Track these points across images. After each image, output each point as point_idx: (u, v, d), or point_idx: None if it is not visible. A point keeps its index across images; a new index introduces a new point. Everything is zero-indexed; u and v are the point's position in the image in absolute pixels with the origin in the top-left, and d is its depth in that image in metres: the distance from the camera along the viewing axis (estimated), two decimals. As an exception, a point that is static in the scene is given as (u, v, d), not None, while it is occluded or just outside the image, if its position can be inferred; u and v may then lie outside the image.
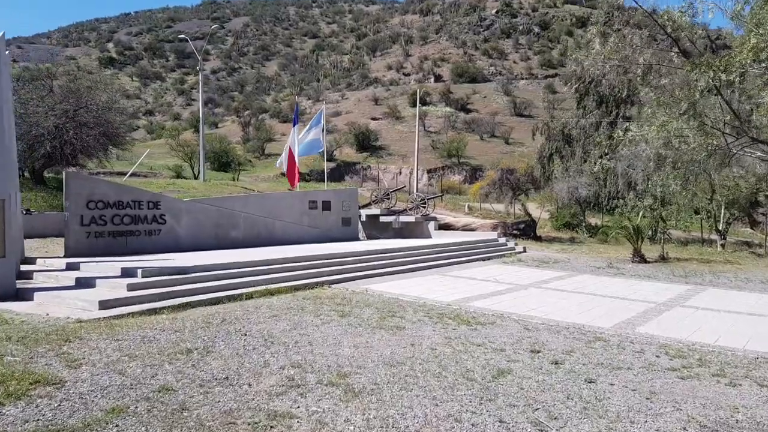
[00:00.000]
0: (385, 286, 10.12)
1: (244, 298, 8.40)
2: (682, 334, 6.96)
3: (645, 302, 9.30)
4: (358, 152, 51.75)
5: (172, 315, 7.10)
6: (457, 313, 7.86)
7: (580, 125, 26.51)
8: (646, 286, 11.16)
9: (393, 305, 8.24)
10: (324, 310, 7.66)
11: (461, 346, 6.03)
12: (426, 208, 19.62)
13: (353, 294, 9.17)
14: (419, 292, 9.55)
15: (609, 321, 7.66)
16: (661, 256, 15.96)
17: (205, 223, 13.98)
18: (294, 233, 15.99)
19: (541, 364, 5.44)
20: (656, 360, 5.75)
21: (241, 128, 60.42)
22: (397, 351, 5.72)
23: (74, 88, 17.78)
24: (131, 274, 8.69)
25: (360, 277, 10.98)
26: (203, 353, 5.31)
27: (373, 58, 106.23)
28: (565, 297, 9.62)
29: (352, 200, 18.36)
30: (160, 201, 13.19)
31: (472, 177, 43.20)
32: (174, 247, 12.89)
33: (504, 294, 9.76)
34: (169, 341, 5.70)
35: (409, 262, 13.01)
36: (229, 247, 13.86)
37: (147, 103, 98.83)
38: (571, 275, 12.60)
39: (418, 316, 7.50)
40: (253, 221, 15.14)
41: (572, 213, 23.82)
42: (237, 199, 15.77)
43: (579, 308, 8.57)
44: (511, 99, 68.50)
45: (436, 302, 8.67)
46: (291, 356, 5.35)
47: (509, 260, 15.24)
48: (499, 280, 11.48)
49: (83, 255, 10.91)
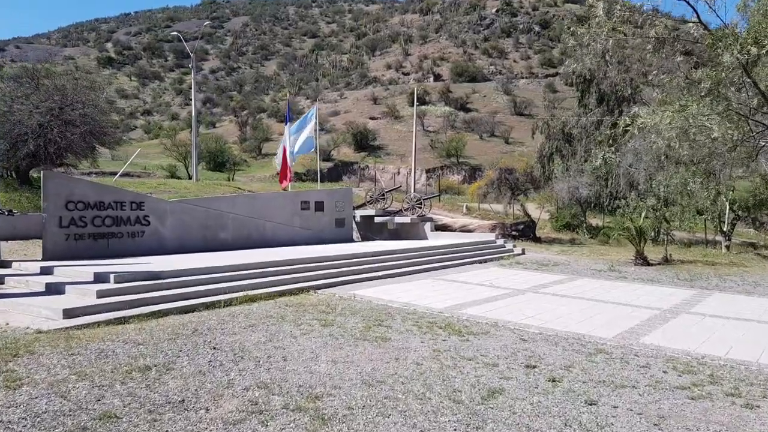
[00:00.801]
0: (374, 292, 9.61)
1: (222, 305, 7.89)
2: (690, 345, 6.45)
3: (649, 309, 8.78)
4: (356, 152, 51.25)
5: (141, 325, 6.59)
6: (449, 321, 7.35)
7: (581, 124, 25.97)
8: (650, 291, 10.63)
9: (381, 313, 7.73)
10: (306, 318, 7.15)
11: (450, 360, 5.52)
12: (422, 208, 19.08)
13: (340, 300, 8.65)
14: (410, 298, 9.04)
15: (611, 330, 7.14)
16: (665, 258, 15.43)
17: (191, 224, 13.50)
18: (285, 235, 15.49)
19: (536, 382, 4.93)
20: (663, 377, 5.24)
21: (238, 128, 59.88)
22: (379, 367, 5.20)
23: (60, 86, 17.25)
24: (104, 279, 8.19)
25: (349, 282, 10.46)
26: (162, 371, 4.80)
27: (372, 57, 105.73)
28: (565, 303, 9.10)
29: (346, 201, 17.84)
30: (143, 201, 12.71)
31: (471, 177, 42.68)
32: (159, 249, 12.43)
33: (500, 300, 9.24)
34: (128, 356, 5.19)
35: (401, 266, 12.49)
36: (217, 249, 13.39)
37: (145, 102, 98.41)
38: (571, 279, 12.07)
39: (406, 326, 6.99)
40: (243, 222, 14.65)
41: (573, 213, 23.28)
42: (225, 200, 15.26)
43: (579, 315, 8.05)
44: (511, 98, 67.98)
45: (427, 309, 8.16)
46: (260, 374, 4.83)
47: (507, 263, 14.71)
48: (495, 284, 10.96)
49: (62, 258, 10.44)
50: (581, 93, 28.04)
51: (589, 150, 24.53)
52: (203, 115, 78.32)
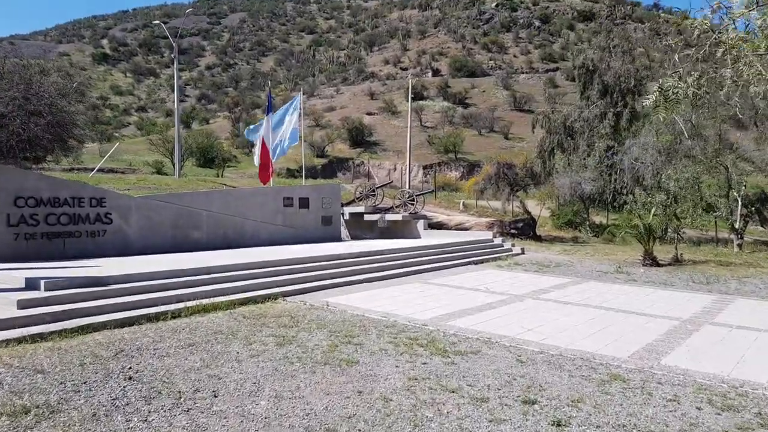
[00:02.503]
0: (352, 299, 8.46)
1: (169, 317, 6.75)
2: (722, 368, 5.31)
3: (666, 318, 7.63)
4: (352, 148, 50.00)
5: (59, 343, 5.45)
6: (433, 337, 6.20)
7: (583, 117, 24.73)
8: (665, 297, 9.48)
9: (354, 326, 6.58)
10: (261, 335, 6.00)
11: (428, 393, 4.37)
12: (415, 205, 17.92)
13: (309, 310, 7.50)
14: (392, 307, 7.89)
15: (626, 347, 5.99)
16: (675, 259, 14.28)
17: (160, 222, 12.41)
18: (266, 234, 14.37)
19: (536, 427, 3.79)
20: (699, 416, 4.09)
21: (231, 124, 58.61)
22: (334, 404, 4.06)
23: (25, 75, 16.08)
24: (34, 286, 7.04)
25: (326, 287, 9.32)
26: (43, 415, 3.65)
27: (370, 53, 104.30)
28: (569, 312, 7.95)
29: (334, 197, 16.68)
30: (104, 197, 11.65)
31: (469, 173, 41.44)
32: (122, 250, 11.38)
33: (495, 308, 8.09)
34: (11, 391, 4.05)
35: (388, 267, 11.33)
36: (189, 249, 12.33)
37: (140, 99, 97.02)
38: (576, 282, 10.92)
39: (381, 343, 5.84)
40: (219, 221, 13.53)
41: (575, 210, 22.09)
42: (199, 196, 14.12)
43: (586, 328, 6.90)
44: (510, 93, 66.59)
45: (409, 321, 7.01)
46: (173, 419, 3.69)
47: (505, 264, 13.56)
48: (491, 288, 9.82)
49: (9, 260, 9.37)
50: (583, 84, 26.80)
51: (592, 144, 23.33)
52: (197, 111, 77.03)
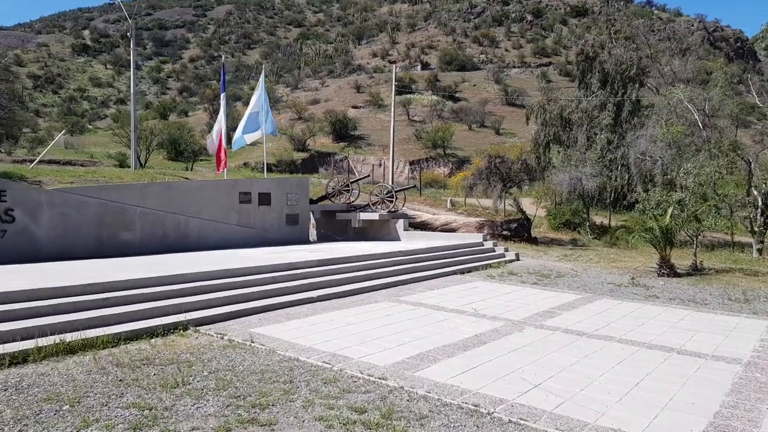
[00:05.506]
0: (293, 327, 6.24)
1: (6, 363, 4.49)
2: None
3: (722, 361, 5.49)
4: (335, 142, 47.61)
5: None
6: (391, 406, 3.99)
7: (581, 108, 22.63)
8: (704, 323, 7.34)
9: (276, 381, 4.36)
10: (113, 405, 3.74)
11: None
12: (394, 202, 15.69)
13: (223, 350, 5.26)
14: (343, 342, 5.68)
15: (683, 421, 3.83)
16: (694, 267, 12.22)
17: (81, 221, 10.22)
18: (216, 235, 12.15)
19: None
20: None
21: (209, 116, 55.94)
22: None
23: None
24: None
25: (264, 309, 7.08)
26: None
27: (358, 45, 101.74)
28: (588, 350, 5.79)
29: (302, 193, 14.44)
30: (4, 190, 9.42)
31: (458, 169, 39.23)
32: (28, 255, 9.37)
33: (485, 344, 5.91)
34: None
35: (353, 279, 9.11)
36: (117, 254, 10.26)
37: (120, 91, 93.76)
38: (586, 300, 8.78)
39: (306, 420, 3.61)
40: (156, 219, 11.31)
41: (573, 210, 19.98)
42: (132, 189, 11.83)
43: (617, 382, 4.73)
44: (502, 87, 64.52)
45: (361, 369, 4.80)
46: None
47: (497, 273, 11.38)
48: (479, 310, 7.63)
49: None
50: (582, 72, 24.71)
51: (592, 136, 21.26)
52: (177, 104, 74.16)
